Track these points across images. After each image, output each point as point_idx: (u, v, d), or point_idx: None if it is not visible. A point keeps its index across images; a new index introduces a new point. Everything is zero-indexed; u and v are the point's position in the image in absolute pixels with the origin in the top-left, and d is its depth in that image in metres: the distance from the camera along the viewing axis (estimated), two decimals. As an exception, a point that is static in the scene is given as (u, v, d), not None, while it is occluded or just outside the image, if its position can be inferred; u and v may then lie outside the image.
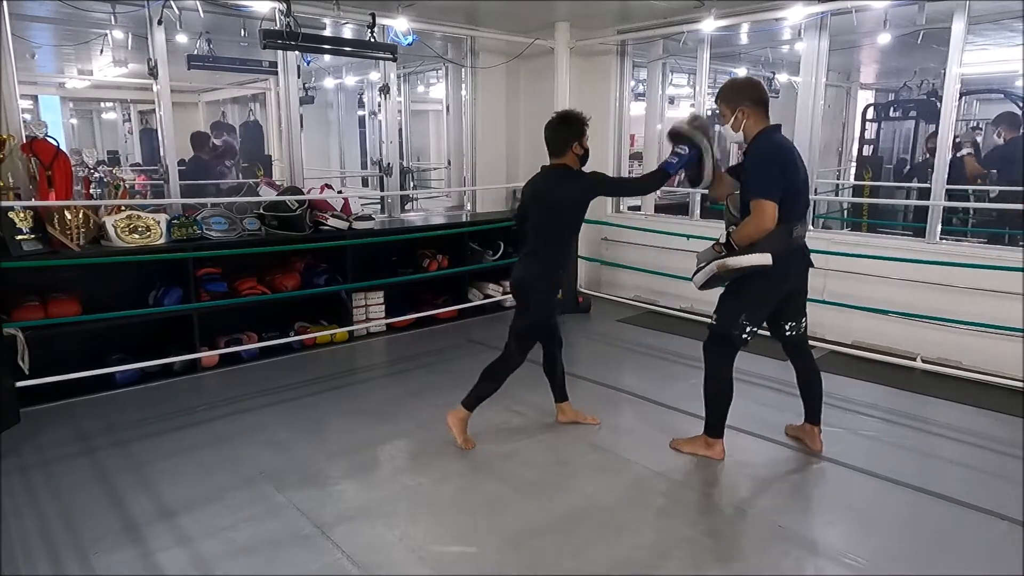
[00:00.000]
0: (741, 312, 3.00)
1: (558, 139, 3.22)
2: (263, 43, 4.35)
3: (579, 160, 3.26)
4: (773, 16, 4.98)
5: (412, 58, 6.94)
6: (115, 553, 2.47)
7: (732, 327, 3.00)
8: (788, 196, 2.85)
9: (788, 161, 2.88)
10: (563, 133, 3.21)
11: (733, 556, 2.51)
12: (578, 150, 3.23)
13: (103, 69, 7.35)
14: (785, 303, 3.09)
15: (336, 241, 4.86)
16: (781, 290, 3.00)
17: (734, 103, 2.94)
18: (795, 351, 3.25)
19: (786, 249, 2.88)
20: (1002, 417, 3.72)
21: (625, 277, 6.39)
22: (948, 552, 2.54)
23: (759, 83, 3.06)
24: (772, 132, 2.94)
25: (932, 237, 4.66)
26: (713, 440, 3.20)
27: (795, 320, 3.15)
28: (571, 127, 3.21)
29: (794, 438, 3.40)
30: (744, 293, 3.00)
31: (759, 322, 3.03)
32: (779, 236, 2.85)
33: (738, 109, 2.93)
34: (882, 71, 8.70)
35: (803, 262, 3.05)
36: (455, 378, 4.23)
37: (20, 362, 3.60)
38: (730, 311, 3.03)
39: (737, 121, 2.94)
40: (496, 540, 2.58)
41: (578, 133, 3.21)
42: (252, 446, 3.35)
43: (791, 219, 2.88)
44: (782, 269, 2.90)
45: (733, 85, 3.05)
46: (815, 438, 3.28)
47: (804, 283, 3.12)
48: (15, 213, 3.77)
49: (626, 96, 6.44)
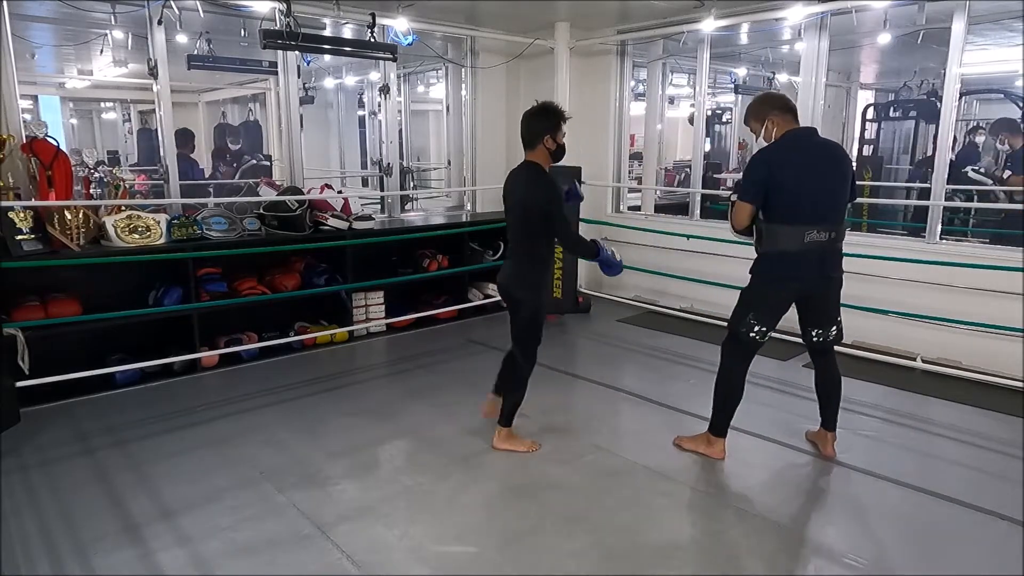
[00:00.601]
0: (748, 311, 3.01)
1: (531, 130, 3.13)
2: (263, 43, 4.35)
3: (551, 156, 3.17)
4: (773, 16, 4.98)
5: (412, 58, 6.94)
6: (115, 553, 2.47)
7: (740, 325, 3.02)
8: (785, 198, 2.83)
9: (785, 163, 2.85)
10: (536, 124, 3.12)
11: (734, 556, 2.51)
12: (550, 144, 3.13)
13: (103, 69, 7.35)
14: (807, 309, 3.08)
15: (336, 241, 4.86)
16: (790, 292, 2.98)
17: (762, 115, 2.96)
18: (818, 356, 3.21)
19: (794, 251, 2.85)
20: (1002, 417, 3.72)
21: (625, 277, 6.37)
22: (948, 552, 2.54)
23: (781, 94, 3.07)
24: (787, 135, 2.91)
25: (932, 237, 4.66)
26: (715, 438, 3.20)
27: (822, 328, 3.09)
28: (546, 118, 3.11)
29: (811, 442, 3.38)
30: (752, 292, 3.03)
31: (769, 322, 3.01)
32: (786, 237, 2.84)
33: (767, 119, 2.93)
34: (882, 71, 8.70)
35: (821, 267, 2.92)
36: (455, 378, 4.24)
37: (20, 362, 3.60)
38: (739, 309, 3.06)
39: (768, 131, 2.95)
40: (496, 540, 2.58)
41: (552, 126, 3.10)
42: (252, 446, 3.35)
43: (798, 221, 2.83)
44: (789, 271, 2.90)
45: (759, 99, 3.06)
46: (828, 443, 3.25)
47: (827, 290, 3.03)
48: (15, 213, 3.77)
49: (626, 96, 6.44)
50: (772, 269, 2.95)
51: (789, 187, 2.83)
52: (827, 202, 2.88)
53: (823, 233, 2.85)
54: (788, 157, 2.87)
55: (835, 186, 2.89)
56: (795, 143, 2.90)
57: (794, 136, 2.91)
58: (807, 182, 2.83)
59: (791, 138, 2.91)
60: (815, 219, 2.84)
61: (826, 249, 2.90)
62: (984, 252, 4.46)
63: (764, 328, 2.99)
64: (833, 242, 2.91)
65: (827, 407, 3.24)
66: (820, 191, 2.85)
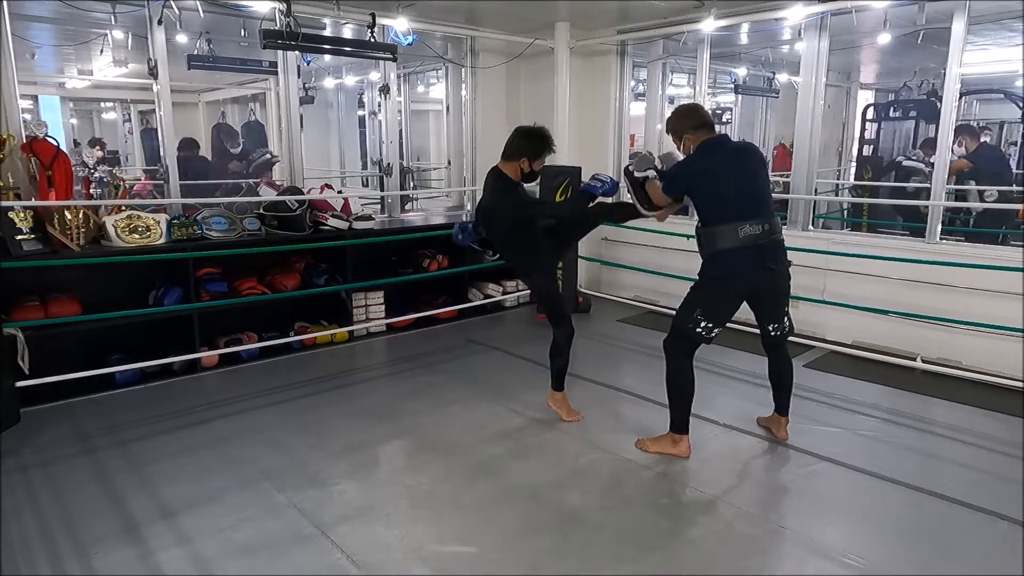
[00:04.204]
0: (694, 309, 3.12)
1: (517, 147, 3.31)
2: (263, 43, 4.35)
3: (523, 176, 3.34)
4: (773, 16, 4.97)
5: (412, 58, 6.94)
6: (115, 553, 2.47)
7: (687, 322, 3.13)
8: (713, 200, 3.05)
9: (706, 170, 3.06)
10: (524, 143, 3.30)
11: (734, 556, 2.51)
12: (525, 167, 3.31)
13: (103, 69, 7.34)
14: (759, 305, 3.21)
15: (336, 241, 4.86)
16: (735, 288, 3.10)
17: (679, 132, 3.18)
18: (773, 350, 3.36)
19: (732, 248, 3.00)
20: (1002, 417, 3.72)
21: (625, 277, 6.39)
22: (948, 552, 2.54)
23: (696, 108, 3.29)
24: (702, 146, 3.10)
25: (932, 237, 4.66)
26: (680, 436, 3.25)
27: (778, 322, 3.24)
28: (532, 144, 3.28)
29: (764, 427, 3.52)
30: (697, 292, 3.15)
31: (716, 319, 3.11)
32: (722, 236, 3.01)
33: (684, 137, 3.16)
34: (882, 71, 8.70)
35: (762, 261, 3.05)
36: (455, 378, 4.24)
37: (20, 362, 3.61)
38: (684, 308, 3.17)
39: (685, 147, 3.18)
40: (496, 540, 2.58)
41: (533, 152, 3.28)
42: (252, 446, 3.35)
43: (729, 219, 2.99)
44: (731, 268, 3.04)
45: (676, 115, 3.25)
46: (781, 427, 3.42)
47: (775, 285, 3.17)
48: (15, 213, 3.77)
49: (626, 96, 6.44)
50: (715, 268, 3.09)
51: (713, 189, 3.03)
52: (752, 196, 3.05)
53: (756, 227, 3.01)
54: (706, 164, 3.07)
55: (756, 182, 3.09)
56: (711, 152, 3.08)
57: (709, 146, 3.09)
58: (730, 182, 3.02)
59: (707, 148, 3.09)
60: (745, 214, 3.01)
61: (763, 242, 3.03)
62: (984, 252, 4.45)
63: (711, 324, 3.10)
64: (769, 234, 3.04)
65: (780, 391, 3.41)
66: (743, 188, 3.03)
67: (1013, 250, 4.27)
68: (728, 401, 3.91)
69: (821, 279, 5.02)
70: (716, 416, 3.67)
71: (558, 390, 3.63)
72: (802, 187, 5.25)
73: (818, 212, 6.91)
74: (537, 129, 3.32)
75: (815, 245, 4.98)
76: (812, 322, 5.08)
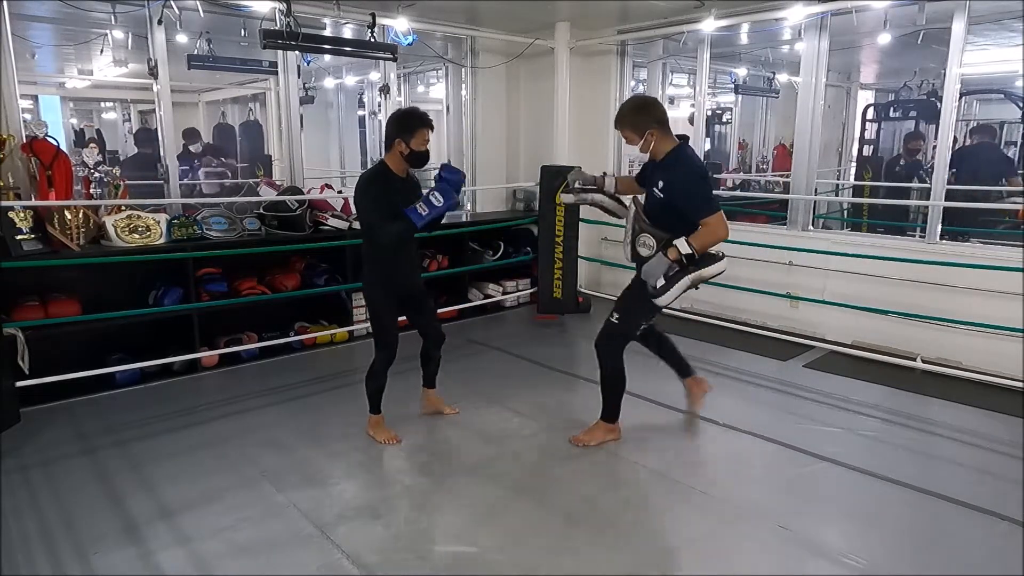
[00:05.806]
0: (644, 315, 3.21)
1: (387, 132, 3.12)
2: (263, 43, 4.35)
3: (406, 160, 3.09)
4: (773, 16, 4.97)
5: (412, 58, 6.93)
6: (115, 553, 2.47)
7: (634, 328, 3.25)
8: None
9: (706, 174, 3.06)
10: (390, 128, 3.08)
11: (734, 556, 2.51)
12: (402, 148, 3.05)
13: (103, 69, 7.34)
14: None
15: (336, 241, 4.86)
16: None
17: (641, 127, 2.98)
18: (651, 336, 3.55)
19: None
20: (1002, 417, 3.72)
21: (625, 277, 6.35)
22: (948, 552, 2.54)
23: (656, 101, 3.19)
24: (686, 147, 3.03)
25: (932, 237, 4.66)
26: (613, 425, 3.37)
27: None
28: (399, 124, 3.05)
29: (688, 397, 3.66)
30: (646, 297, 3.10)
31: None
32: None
33: (647, 132, 2.98)
34: (882, 71, 8.70)
35: None
36: (455, 378, 4.23)
37: (20, 362, 3.60)
38: (636, 314, 3.23)
39: (647, 143, 3.00)
40: (496, 540, 2.58)
41: (403, 129, 3.02)
42: (252, 446, 3.35)
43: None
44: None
45: (635, 108, 3.07)
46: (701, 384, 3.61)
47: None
48: (15, 213, 3.77)
49: (626, 96, 6.43)
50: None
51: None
52: None
53: None
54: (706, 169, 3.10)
55: None
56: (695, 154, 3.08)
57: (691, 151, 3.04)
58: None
59: (692, 152, 3.05)
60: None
61: None
62: (983, 252, 4.46)
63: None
64: None
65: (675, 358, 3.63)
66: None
67: (1013, 250, 4.27)
68: (728, 401, 3.90)
69: (821, 279, 5.02)
70: (716, 416, 3.67)
71: (374, 413, 3.45)
72: (802, 187, 5.25)
73: (818, 212, 6.91)
74: (404, 108, 3.15)
75: (815, 245, 4.99)
76: (812, 322, 5.08)
